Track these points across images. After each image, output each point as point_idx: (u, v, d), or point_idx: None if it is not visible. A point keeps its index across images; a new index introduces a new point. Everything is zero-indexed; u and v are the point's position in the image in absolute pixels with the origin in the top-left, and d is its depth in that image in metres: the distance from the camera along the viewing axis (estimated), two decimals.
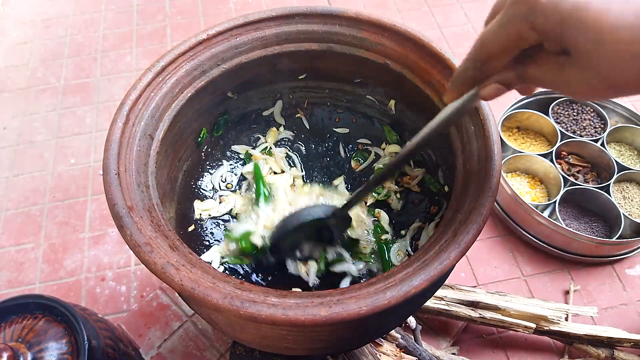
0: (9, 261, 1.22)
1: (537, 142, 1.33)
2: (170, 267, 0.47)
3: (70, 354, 0.70)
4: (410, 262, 0.49)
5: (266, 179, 0.80)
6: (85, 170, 1.39)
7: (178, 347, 0.98)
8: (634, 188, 1.23)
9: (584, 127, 1.32)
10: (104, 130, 1.47)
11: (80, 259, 1.22)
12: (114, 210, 0.51)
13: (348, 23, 0.70)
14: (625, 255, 1.18)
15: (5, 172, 1.39)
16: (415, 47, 0.66)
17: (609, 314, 1.12)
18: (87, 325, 0.74)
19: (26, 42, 1.74)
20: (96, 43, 1.72)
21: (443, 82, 0.64)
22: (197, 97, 0.69)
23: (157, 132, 0.63)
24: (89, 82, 1.61)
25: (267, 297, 0.45)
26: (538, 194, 1.24)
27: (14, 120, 1.51)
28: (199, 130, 0.76)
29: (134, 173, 0.56)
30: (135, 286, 1.17)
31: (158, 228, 0.52)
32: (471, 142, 0.59)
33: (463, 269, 1.18)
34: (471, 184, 0.55)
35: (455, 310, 0.99)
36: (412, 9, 1.81)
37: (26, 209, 1.32)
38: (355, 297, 0.45)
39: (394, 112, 0.80)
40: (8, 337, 0.70)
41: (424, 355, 0.91)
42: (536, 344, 1.07)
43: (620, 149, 1.31)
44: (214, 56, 0.68)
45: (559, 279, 1.17)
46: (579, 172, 1.26)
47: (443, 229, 0.53)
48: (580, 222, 1.19)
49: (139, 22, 1.78)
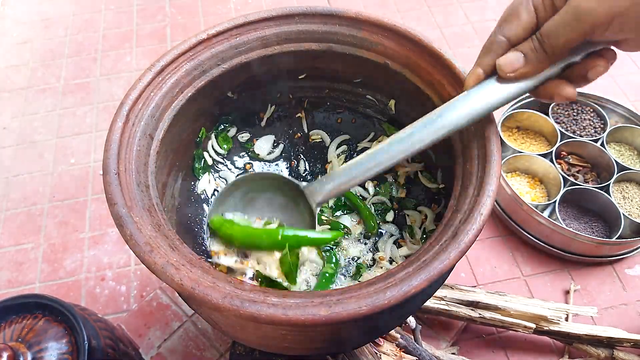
0: (9, 261, 1.22)
1: (537, 142, 1.33)
2: (170, 267, 0.47)
3: (70, 353, 0.70)
4: (410, 262, 0.49)
5: None
6: (85, 170, 1.39)
7: (178, 347, 0.98)
8: (633, 188, 1.23)
9: (583, 127, 1.32)
10: (104, 130, 1.47)
11: (80, 259, 1.22)
12: (114, 210, 0.51)
13: (348, 23, 0.70)
14: (625, 255, 1.18)
15: (5, 172, 1.39)
16: (416, 47, 0.66)
17: (609, 314, 1.12)
18: (87, 325, 0.74)
19: (26, 42, 1.74)
20: (96, 43, 1.72)
21: (443, 82, 0.64)
22: (197, 97, 0.69)
23: (157, 132, 0.63)
24: (88, 82, 1.61)
25: (267, 297, 0.45)
26: (538, 194, 1.24)
27: (14, 120, 1.51)
28: (199, 130, 0.76)
29: (134, 173, 0.56)
30: (135, 286, 1.17)
31: (158, 228, 0.52)
32: (471, 142, 0.59)
33: (463, 269, 1.18)
34: (471, 184, 0.55)
35: (455, 310, 0.99)
36: (412, 9, 1.81)
37: (26, 209, 1.32)
38: (355, 296, 0.45)
39: (394, 112, 0.80)
40: (8, 337, 0.70)
41: (423, 355, 0.91)
42: (536, 344, 1.07)
43: (620, 149, 1.31)
44: (214, 56, 0.68)
45: (559, 279, 1.17)
46: (579, 172, 1.26)
47: (443, 228, 0.53)
48: (580, 222, 1.19)
49: (139, 22, 1.79)
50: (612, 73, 1.58)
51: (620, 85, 1.55)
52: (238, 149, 0.86)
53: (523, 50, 0.47)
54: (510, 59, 0.47)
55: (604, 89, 1.53)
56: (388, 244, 0.79)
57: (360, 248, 0.80)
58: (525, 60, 0.46)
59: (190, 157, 0.77)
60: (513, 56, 0.47)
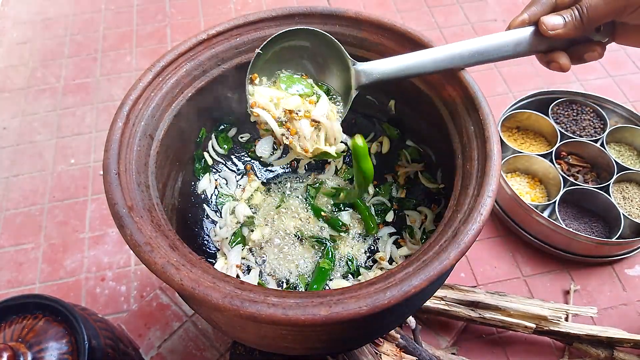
0: (9, 261, 1.22)
1: (536, 143, 1.33)
2: (170, 267, 0.47)
3: (70, 353, 0.70)
4: (410, 262, 0.50)
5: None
6: (85, 170, 1.39)
7: (178, 347, 0.98)
8: (633, 188, 1.23)
9: (583, 127, 1.32)
10: (104, 130, 1.47)
11: (80, 259, 1.22)
12: (114, 210, 0.51)
13: (348, 23, 0.70)
14: (625, 255, 1.18)
15: (5, 172, 1.39)
16: (415, 47, 0.66)
17: (609, 314, 1.12)
18: (87, 325, 0.74)
19: (26, 42, 1.74)
20: (96, 43, 1.72)
21: (443, 82, 0.64)
22: (198, 97, 0.69)
23: (157, 132, 0.63)
24: (88, 82, 1.61)
25: (267, 297, 0.45)
26: (538, 194, 1.24)
27: (14, 120, 1.51)
28: (199, 130, 0.76)
29: (134, 173, 0.56)
30: (135, 286, 1.17)
31: (158, 228, 0.52)
32: (471, 142, 0.59)
33: (463, 269, 1.18)
34: (471, 184, 0.55)
35: (455, 310, 0.99)
36: (412, 9, 1.81)
37: (26, 209, 1.32)
38: (355, 296, 0.45)
39: (394, 112, 0.80)
40: (8, 337, 0.70)
41: (423, 355, 0.91)
42: (536, 344, 1.07)
43: (619, 149, 1.31)
44: (214, 56, 0.68)
45: (559, 279, 1.17)
46: (579, 173, 1.26)
47: (443, 228, 0.53)
48: (580, 222, 1.19)
49: (139, 22, 1.79)
50: (612, 73, 1.58)
51: (620, 85, 1.55)
52: (238, 149, 0.86)
53: (564, 16, 0.54)
54: (553, 20, 0.54)
55: (604, 89, 1.53)
56: (388, 244, 0.79)
57: (359, 247, 0.80)
58: (564, 24, 0.54)
59: (191, 157, 0.77)
60: (556, 19, 0.54)
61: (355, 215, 0.82)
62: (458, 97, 0.62)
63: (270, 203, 0.84)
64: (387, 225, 0.82)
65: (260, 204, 0.84)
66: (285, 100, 0.61)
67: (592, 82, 1.56)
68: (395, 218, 0.82)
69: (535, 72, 1.59)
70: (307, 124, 0.61)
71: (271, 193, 0.86)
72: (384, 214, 0.82)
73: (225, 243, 0.77)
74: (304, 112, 0.61)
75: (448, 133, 0.63)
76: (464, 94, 0.61)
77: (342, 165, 0.88)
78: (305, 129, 0.61)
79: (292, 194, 0.85)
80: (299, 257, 0.78)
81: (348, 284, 0.73)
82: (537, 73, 1.58)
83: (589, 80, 1.57)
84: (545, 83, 1.56)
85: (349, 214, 0.82)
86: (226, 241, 0.77)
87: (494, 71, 1.59)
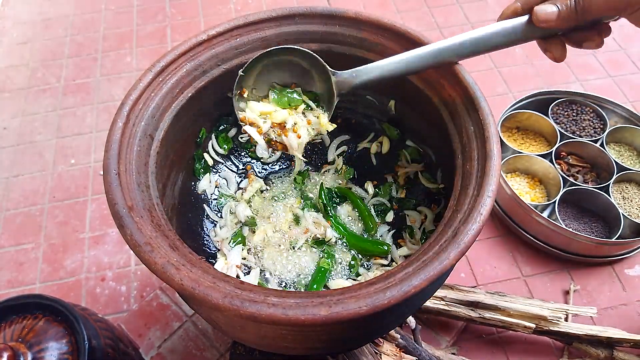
0: (9, 261, 1.22)
1: (536, 143, 1.33)
2: (170, 267, 0.47)
3: (70, 353, 0.71)
4: (410, 262, 0.50)
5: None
6: (85, 170, 1.39)
7: (178, 347, 0.98)
8: (633, 188, 1.23)
9: (583, 127, 1.32)
10: (104, 130, 1.47)
11: (80, 259, 1.22)
12: (114, 210, 0.51)
13: (348, 23, 0.70)
14: (625, 255, 1.18)
15: (5, 172, 1.39)
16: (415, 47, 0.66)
17: (609, 314, 1.12)
18: (87, 325, 0.74)
19: (26, 42, 1.74)
20: (96, 43, 1.72)
21: (443, 82, 0.64)
22: (198, 97, 0.69)
23: (158, 132, 0.63)
24: (89, 82, 1.61)
25: (267, 297, 0.45)
26: (537, 194, 1.24)
27: (14, 120, 1.51)
28: (199, 130, 0.76)
29: (134, 173, 0.56)
30: (135, 286, 1.17)
31: (158, 228, 0.52)
32: (471, 142, 0.59)
33: (463, 269, 1.18)
34: (471, 184, 0.55)
35: (455, 310, 0.99)
36: (412, 9, 1.81)
37: (26, 209, 1.32)
38: (355, 296, 0.45)
39: (394, 112, 0.80)
40: (8, 337, 0.70)
41: (423, 355, 0.91)
42: (536, 344, 1.07)
43: (619, 149, 1.31)
44: (214, 56, 0.69)
45: (559, 279, 1.17)
46: (579, 173, 1.26)
47: (443, 228, 0.53)
48: (580, 222, 1.19)
49: (139, 22, 1.79)
50: (612, 73, 1.58)
51: (620, 85, 1.55)
52: (238, 149, 0.86)
53: (559, 5, 0.52)
54: (547, 10, 0.52)
55: (604, 89, 1.53)
56: (387, 239, 0.79)
57: None
58: (558, 14, 0.52)
59: (191, 157, 0.77)
60: (549, 8, 0.52)
61: (354, 213, 0.82)
62: (458, 97, 0.62)
63: (271, 203, 0.84)
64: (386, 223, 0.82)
65: (261, 203, 0.84)
66: (274, 114, 0.66)
67: (592, 82, 1.56)
68: (395, 218, 0.82)
69: (535, 72, 1.59)
70: (294, 137, 0.66)
71: (272, 192, 0.86)
72: (383, 214, 0.82)
73: (225, 243, 0.77)
74: (292, 126, 0.66)
75: (448, 133, 0.63)
76: (464, 94, 0.61)
77: (342, 165, 0.88)
78: (292, 142, 0.66)
79: (292, 193, 0.85)
80: (299, 257, 0.78)
81: (348, 284, 0.73)
82: (537, 73, 1.58)
83: (588, 81, 1.57)
84: (545, 83, 1.56)
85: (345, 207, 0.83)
86: (226, 241, 0.77)
87: (494, 71, 1.59)
